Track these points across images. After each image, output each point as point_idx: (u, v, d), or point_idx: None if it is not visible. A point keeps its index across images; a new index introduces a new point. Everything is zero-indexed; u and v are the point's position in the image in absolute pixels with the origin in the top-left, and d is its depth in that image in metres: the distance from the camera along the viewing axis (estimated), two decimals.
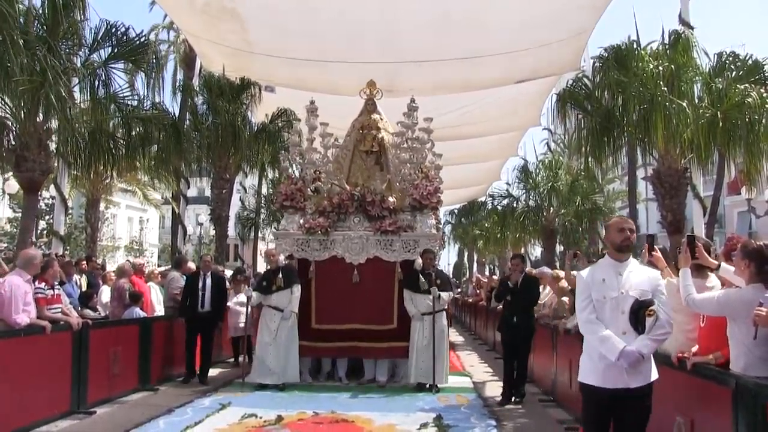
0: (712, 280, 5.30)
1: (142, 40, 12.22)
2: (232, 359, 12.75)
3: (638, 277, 4.28)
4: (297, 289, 10.21)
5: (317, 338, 10.58)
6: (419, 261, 10.27)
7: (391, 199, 11.03)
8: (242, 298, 11.63)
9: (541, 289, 10.09)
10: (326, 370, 10.91)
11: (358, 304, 10.57)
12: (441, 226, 13.84)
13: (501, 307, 9.86)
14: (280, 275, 10.16)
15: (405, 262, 10.66)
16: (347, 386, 10.28)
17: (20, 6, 10.64)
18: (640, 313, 4.12)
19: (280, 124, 17.17)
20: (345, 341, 10.52)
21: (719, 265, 5.18)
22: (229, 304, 12.06)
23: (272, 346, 9.99)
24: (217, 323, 11.13)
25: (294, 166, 11.81)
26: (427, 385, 9.81)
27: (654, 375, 4.24)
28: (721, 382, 4.45)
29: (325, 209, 11.06)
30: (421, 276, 10.12)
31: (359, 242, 10.83)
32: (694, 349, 5.13)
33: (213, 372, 11.15)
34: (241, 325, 11.78)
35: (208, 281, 10.79)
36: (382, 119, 12.10)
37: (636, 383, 4.14)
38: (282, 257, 10.46)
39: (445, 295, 10.17)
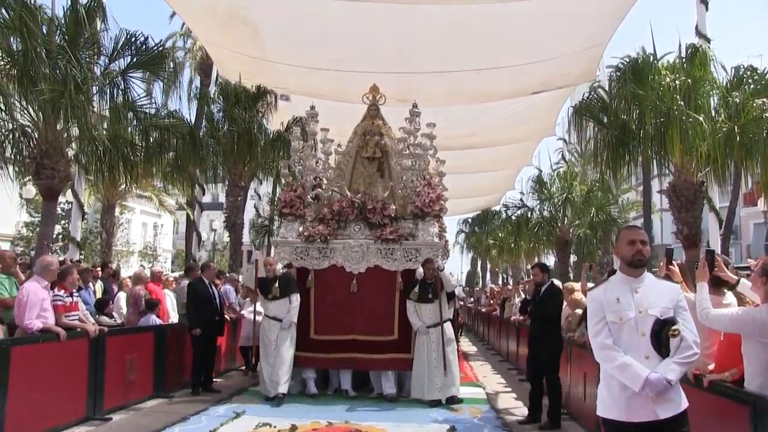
0: (729, 297, 5.28)
1: (161, 49, 12.34)
2: (243, 367, 12.73)
3: (656, 293, 3.78)
4: (295, 299, 9.95)
5: (317, 349, 10.26)
6: (420, 270, 9.98)
7: (392, 206, 10.75)
8: (258, 307, 11.47)
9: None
10: (334, 381, 10.59)
11: (357, 314, 10.28)
12: (446, 234, 13.46)
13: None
14: (277, 284, 9.92)
15: (406, 272, 10.36)
16: (353, 398, 10.01)
17: (43, 16, 10.81)
18: (662, 334, 3.63)
19: (292, 138, 17.27)
20: (345, 352, 10.20)
21: (738, 281, 5.15)
22: (243, 312, 12.09)
23: (273, 357, 9.74)
24: (221, 333, 11.08)
25: (295, 172, 11.54)
26: (444, 401, 9.50)
27: (685, 402, 3.72)
28: (740, 401, 4.42)
29: (324, 217, 10.81)
30: (420, 286, 9.88)
31: (359, 251, 10.54)
32: (711, 366, 5.11)
33: (224, 380, 11.18)
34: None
35: (214, 290, 10.76)
36: (384, 125, 11.81)
37: (666, 413, 3.60)
38: (279, 266, 10.20)
39: (455, 287, 10.01)
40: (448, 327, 10.04)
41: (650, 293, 3.79)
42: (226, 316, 11.77)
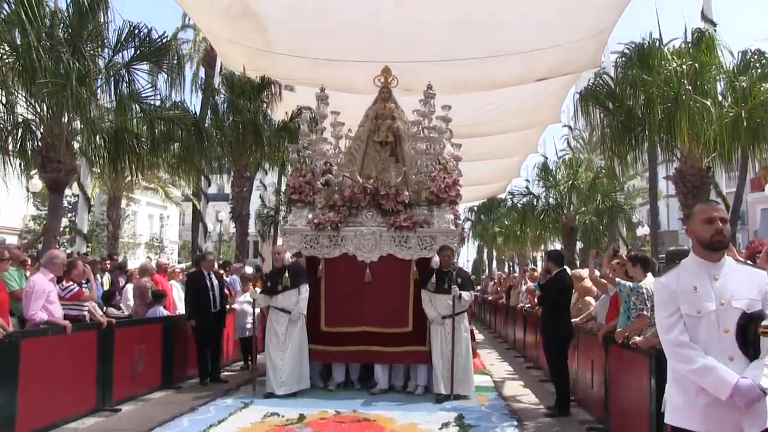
0: None
1: (164, 41, 12.30)
2: (242, 362, 12.27)
3: (740, 281, 3.20)
4: (305, 289, 9.51)
5: (327, 342, 9.86)
6: (436, 259, 9.52)
7: (406, 192, 10.26)
8: (249, 297, 11.02)
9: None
10: (338, 375, 10.15)
11: (370, 305, 9.80)
12: (461, 221, 13.11)
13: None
14: (286, 274, 9.46)
15: (421, 260, 9.91)
16: (359, 390, 9.78)
17: (46, 9, 10.80)
18: (749, 330, 3.05)
19: (300, 122, 17.24)
20: (357, 345, 9.77)
21: (745, 263, 5.13)
22: (234, 306, 11.82)
23: (282, 351, 9.35)
24: (222, 326, 10.91)
25: (304, 157, 11.09)
26: (450, 395, 9.11)
27: None
28: None
29: (335, 203, 10.32)
30: (436, 275, 9.42)
31: (372, 239, 10.05)
32: None
33: (234, 372, 11.21)
34: (249, 326, 11.37)
35: (215, 280, 10.60)
36: (397, 108, 11.29)
37: (754, 428, 2.98)
38: (288, 255, 9.78)
39: (466, 294, 9.45)
40: (463, 320, 9.61)
41: (732, 281, 3.19)
42: (235, 307, 11.80)
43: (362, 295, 9.91)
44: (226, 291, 11.28)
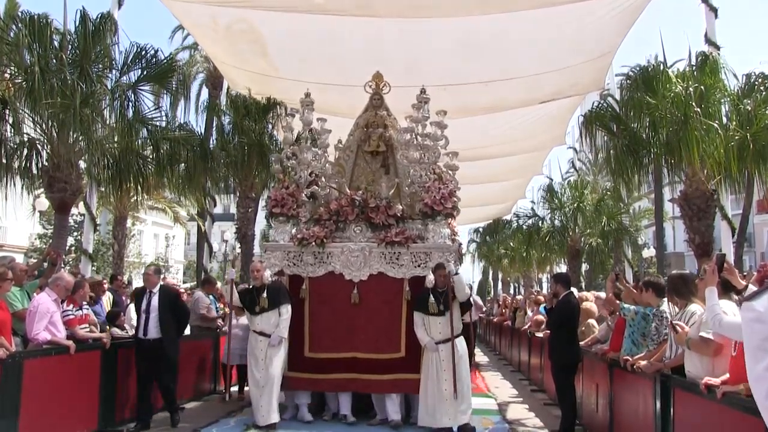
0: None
1: (170, 62, 12.41)
2: (236, 388, 11.14)
3: None
4: (285, 310, 8.68)
5: (311, 369, 8.95)
6: (431, 277, 8.57)
7: (398, 205, 9.49)
8: (244, 320, 9.85)
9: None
10: (331, 406, 9.23)
11: (359, 328, 8.93)
12: (458, 236, 12.20)
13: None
14: (265, 294, 8.66)
15: (415, 279, 9.01)
16: (353, 424, 8.74)
17: (54, 29, 10.94)
18: None
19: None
20: (344, 372, 8.84)
21: (746, 287, 5.09)
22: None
23: (261, 378, 8.52)
24: (169, 355, 8.66)
25: (287, 167, 10.35)
26: (455, 429, 8.25)
27: None
28: (756, 413, 4.34)
29: (321, 217, 9.53)
30: (431, 296, 8.44)
31: (360, 255, 9.16)
32: (724, 377, 5.00)
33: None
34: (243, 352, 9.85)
35: (154, 301, 8.61)
36: (389, 116, 10.51)
37: None
38: (268, 273, 8.94)
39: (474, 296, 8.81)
40: (461, 343, 8.64)
41: None
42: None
43: (350, 318, 9.06)
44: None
